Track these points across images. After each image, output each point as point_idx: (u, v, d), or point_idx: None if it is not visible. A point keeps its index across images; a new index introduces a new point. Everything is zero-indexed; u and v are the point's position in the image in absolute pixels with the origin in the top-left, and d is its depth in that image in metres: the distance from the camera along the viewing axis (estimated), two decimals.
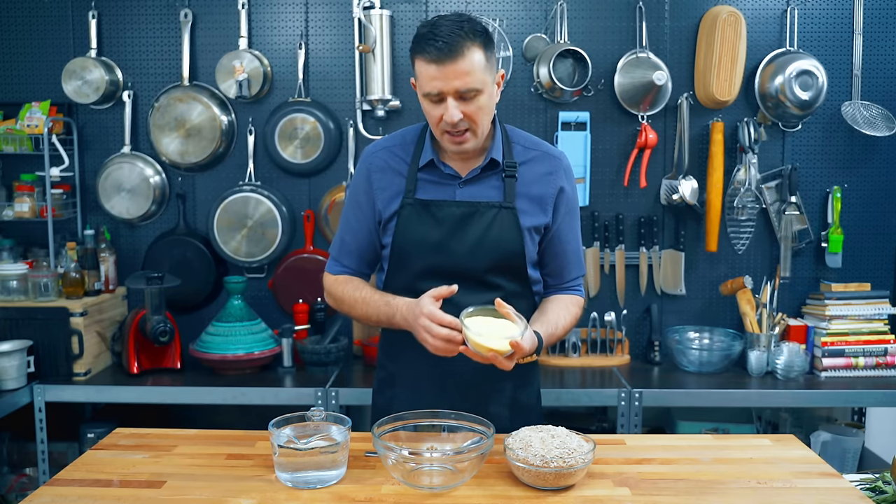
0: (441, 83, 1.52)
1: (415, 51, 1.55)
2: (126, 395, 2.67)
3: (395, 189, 1.70)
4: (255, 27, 2.97)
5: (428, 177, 1.69)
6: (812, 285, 3.02)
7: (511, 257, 1.68)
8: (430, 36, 1.52)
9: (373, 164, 1.73)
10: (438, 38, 1.50)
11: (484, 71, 1.54)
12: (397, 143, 1.74)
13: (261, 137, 2.99)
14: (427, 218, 1.67)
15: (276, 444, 1.37)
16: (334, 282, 1.78)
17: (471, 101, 1.55)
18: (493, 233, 1.66)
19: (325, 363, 2.81)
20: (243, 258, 2.97)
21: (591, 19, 2.94)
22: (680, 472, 1.45)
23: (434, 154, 1.68)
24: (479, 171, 1.68)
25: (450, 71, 1.51)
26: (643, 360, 2.99)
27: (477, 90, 1.54)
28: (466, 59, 1.51)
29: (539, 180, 1.70)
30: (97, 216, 3.05)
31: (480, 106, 1.56)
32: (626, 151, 2.96)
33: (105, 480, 1.42)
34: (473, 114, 1.56)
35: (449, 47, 1.50)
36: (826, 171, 2.99)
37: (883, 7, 2.93)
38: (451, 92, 1.53)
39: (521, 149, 1.72)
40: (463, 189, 1.68)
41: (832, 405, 2.95)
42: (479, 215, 1.66)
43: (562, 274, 1.77)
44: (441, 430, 1.49)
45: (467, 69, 1.51)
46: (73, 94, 2.93)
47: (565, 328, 1.70)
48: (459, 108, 1.54)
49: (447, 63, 1.50)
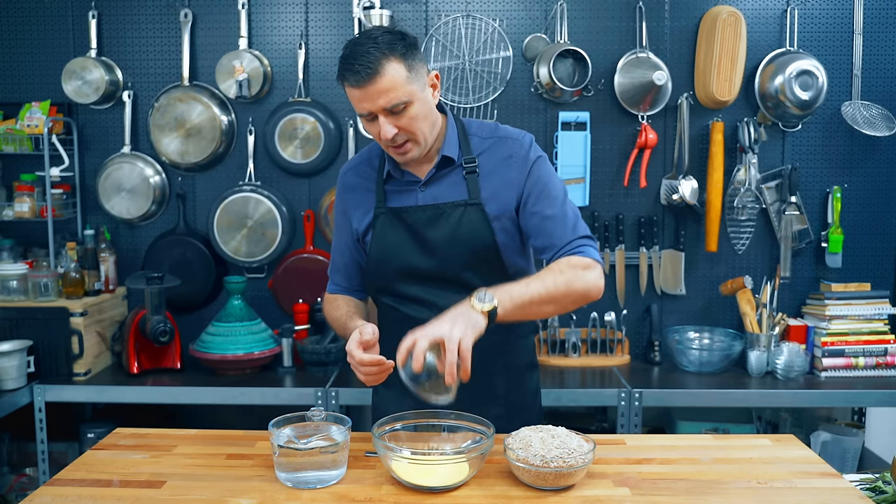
0: (367, 104, 1.54)
1: (338, 75, 1.56)
2: (126, 395, 2.67)
3: (367, 205, 1.73)
4: (255, 27, 2.97)
5: (393, 187, 1.71)
6: (812, 285, 3.02)
7: (484, 252, 1.66)
8: (348, 59, 1.52)
9: (345, 185, 1.78)
10: (355, 62, 1.51)
11: (408, 83, 1.53)
12: (363, 161, 1.77)
13: (261, 137, 2.99)
14: (398, 226, 1.69)
15: (276, 444, 1.37)
16: (325, 301, 1.87)
17: (401, 114, 1.55)
18: (462, 231, 1.65)
19: (325, 363, 2.81)
20: (243, 258, 2.98)
21: (591, 19, 2.94)
22: (680, 472, 1.45)
23: (391, 165, 1.70)
24: (436, 171, 1.68)
25: (372, 92, 1.51)
26: (643, 360, 2.99)
27: (404, 103, 1.54)
28: (386, 77, 1.50)
29: (500, 166, 1.67)
30: (97, 216, 3.05)
31: (413, 116, 1.56)
32: (626, 151, 2.96)
33: (105, 480, 1.41)
34: (407, 126, 1.56)
35: (365, 69, 1.49)
36: (826, 171, 2.99)
37: (883, 7, 2.93)
38: (378, 110, 1.54)
39: (479, 139, 1.70)
40: (424, 192, 1.68)
41: (832, 405, 2.95)
42: (445, 216, 1.66)
43: (550, 242, 1.64)
44: (441, 430, 1.49)
45: (388, 86, 1.51)
46: (73, 94, 2.93)
47: (542, 280, 1.53)
48: (392, 123, 1.55)
49: (367, 85, 1.51)
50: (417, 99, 1.56)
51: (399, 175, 1.70)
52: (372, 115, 1.56)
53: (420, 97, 1.57)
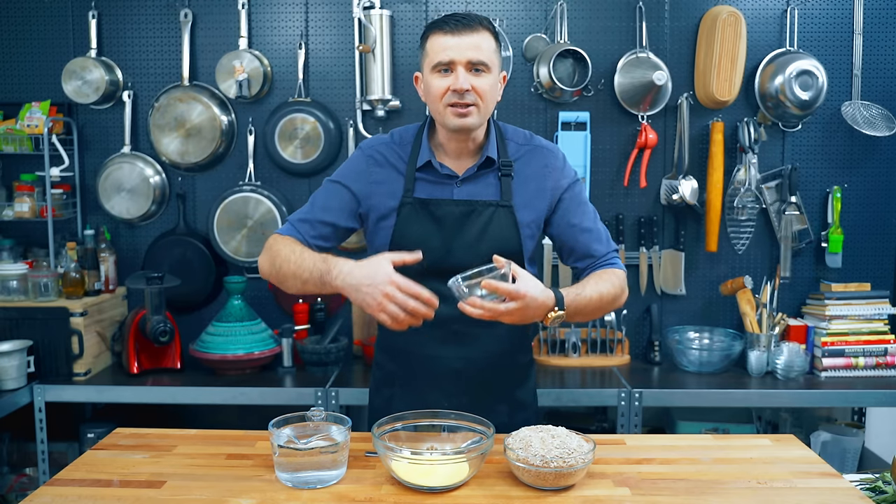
0: (454, 52, 1.59)
1: (430, 28, 1.64)
2: (126, 395, 2.67)
3: (392, 186, 1.70)
4: (255, 27, 2.97)
5: (425, 176, 1.70)
6: (812, 285, 3.02)
7: (509, 255, 1.67)
8: (446, 17, 1.62)
9: (373, 158, 1.73)
10: (456, 15, 1.61)
11: (494, 54, 1.63)
12: (396, 142, 1.75)
13: (261, 137, 2.99)
14: (426, 217, 1.67)
15: (276, 444, 1.37)
16: (276, 239, 1.69)
17: (480, 75, 1.60)
18: (491, 231, 1.66)
19: (325, 363, 2.81)
20: (243, 258, 2.97)
21: (591, 19, 2.94)
22: (680, 472, 1.45)
23: (431, 154, 1.69)
24: (476, 170, 1.69)
25: (464, 41, 1.59)
26: (643, 360, 2.99)
27: (487, 66, 1.60)
28: (481, 35, 1.60)
29: (535, 175, 1.71)
30: (97, 216, 3.05)
31: (489, 84, 1.62)
32: (626, 151, 2.96)
33: (105, 480, 1.42)
34: (480, 87, 1.60)
35: (467, 21, 1.60)
36: (826, 171, 2.99)
37: (883, 7, 2.93)
38: (462, 62, 1.59)
39: (516, 145, 1.74)
40: (461, 188, 1.69)
41: (832, 405, 2.95)
42: (476, 214, 1.67)
43: (590, 254, 1.73)
44: (441, 430, 1.49)
45: (480, 42, 1.60)
46: (73, 94, 2.93)
47: (599, 291, 1.62)
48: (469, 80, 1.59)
49: (463, 34, 1.59)
50: (494, 73, 1.63)
51: (438, 166, 1.69)
52: (450, 67, 1.60)
53: (496, 76, 1.65)
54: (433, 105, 1.65)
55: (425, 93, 1.67)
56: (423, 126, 1.74)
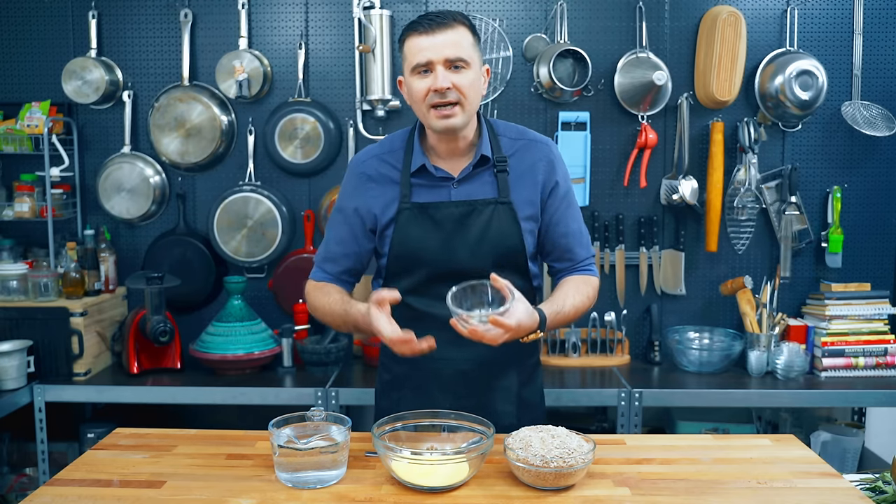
0: (431, 52, 1.57)
1: (405, 31, 1.62)
2: (126, 395, 2.67)
3: (389, 196, 1.70)
4: (255, 27, 2.97)
5: (421, 181, 1.69)
6: (812, 285, 3.02)
7: (512, 252, 1.68)
8: (422, 15, 1.62)
9: (364, 174, 1.73)
10: (430, 14, 1.60)
11: (472, 48, 1.61)
12: (386, 151, 1.74)
13: (261, 137, 2.99)
14: (425, 221, 1.67)
15: (276, 444, 1.38)
16: (311, 288, 1.78)
17: (460, 72, 1.58)
18: (492, 229, 1.66)
19: (325, 363, 2.81)
20: (243, 258, 2.97)
21: (591, 19, 2.94)
22: (680, 472, 1.45)
23: (425, 158, 1.68)
24: (471, 169, 1.68)
25: (440, 41, 1.57)
26: (643, 360, 2.99)
27: (465, 62, 1.59)
28: (456, 31, 1.59)
29: (529, 170, 1.70)
30: (97, 216, 3.05)
31: (470, 80, 1.60)
32: (626, 151, 2.96)
33: (105, 480, 1.42)
34: (462, 85, 1.58)
35: (440, 19, 1.58)
36: (826, 171, 2.99)
37: (883, 7, 2.93)
38: (440, 61, 1.57)
39: (508, 140, 1.73)
40: (458, 189, 1.68)
41: (832, 405, 2.95)
42: (476, 213, 1.66)
43: (569, 257, 1.75)
44: (441, 430, 1.49)
45: (456, 39, 1.58)
46: (73, 94, 2.93)
47: (574, 306, 1.66)
48: (449, 79, 1.58)
49: (437, 33, 1.57)
50: (475, 69, 1.61)
51: (433, 170, 1.68)
52: (428, 67, 1.58)
53: (477, 71, 1.63)
54: (417, 108, 1.64)
55: (409, 96, 1.66)
56: (413, 130, 1.73)
